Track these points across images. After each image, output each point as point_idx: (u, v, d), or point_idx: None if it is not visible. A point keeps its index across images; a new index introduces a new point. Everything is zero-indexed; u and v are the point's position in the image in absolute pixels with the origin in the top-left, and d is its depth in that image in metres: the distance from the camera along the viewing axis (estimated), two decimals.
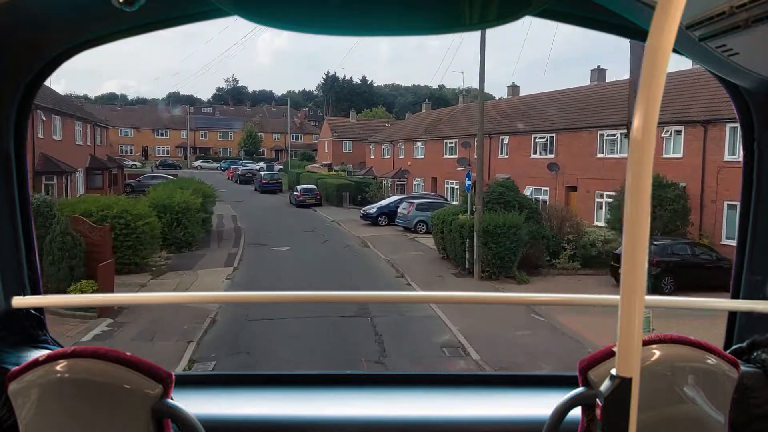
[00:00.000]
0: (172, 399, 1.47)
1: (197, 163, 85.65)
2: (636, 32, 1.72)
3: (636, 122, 0.85)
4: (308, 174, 56.64)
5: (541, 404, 1.76)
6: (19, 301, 1.89)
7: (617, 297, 0.92)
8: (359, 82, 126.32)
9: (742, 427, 1.71)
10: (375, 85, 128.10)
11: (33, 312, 1.95)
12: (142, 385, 1.44)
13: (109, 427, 1.43)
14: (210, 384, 2.25)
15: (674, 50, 0.98)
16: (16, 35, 1.70)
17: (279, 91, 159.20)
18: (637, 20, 1.56)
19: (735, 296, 2.09)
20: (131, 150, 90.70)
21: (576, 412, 1.52)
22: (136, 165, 75.41)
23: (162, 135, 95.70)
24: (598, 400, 1.06)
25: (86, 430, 1.43)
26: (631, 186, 0.86)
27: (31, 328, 1.95)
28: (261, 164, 78.10)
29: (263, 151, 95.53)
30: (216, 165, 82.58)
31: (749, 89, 1.88)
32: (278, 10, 1.28)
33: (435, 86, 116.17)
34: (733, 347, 2.00)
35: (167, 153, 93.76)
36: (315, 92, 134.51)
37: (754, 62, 1.59)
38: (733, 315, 2.10)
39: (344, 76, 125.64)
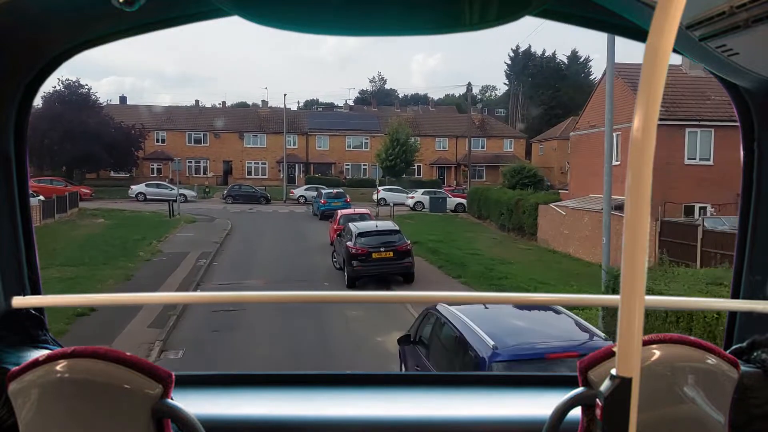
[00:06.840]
0: (172, 399, 1.47)
1: (299, 192, 47.19)
2: (636, 32, 1.72)
3: (636, 122, 0.85)
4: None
5: (541, 404, 1.76)
6: (19, 301, 1.89)
7: (617, 297, 0.92)
8: (565, 59, 74.61)
9: (742, 427, 1.71)
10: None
11: (33, 312, 1.95)
12: (142, 385, 1.44)
13: (109, 427, 1.43)
14: (210, 384, 2.25)
15: (674, 50, 0.98)
16: (16, 35, 1.70)
17: (435, 95, 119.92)
18: (637, 20, 1.56)
19: (735, 296, 2.09)
20: (205, 167, 54.01)
21: (576, 412, 1.52)
22: (186, 195, 40.17)
23: (254, 143, 56.19)
24: (598, 400, 1.06)
25: (86, 430, 1.43)
26: (631, 186, 0.86)
27: (31, 328, 1.95)
28: (416, 194, 42.01)
29: (418, 168, 55.40)
30: (334, 197, 37.69)
31: (749, 89, 1.88)
32: (278, 9, 1.29)
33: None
34: (733, 347, 2.00)
35: (263, 173, 55.31)
36: (479, 96, 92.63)
37: (754, 62, 1.59)
38: (733, 315, 2.10)
39: (543, 51, 75.37)
